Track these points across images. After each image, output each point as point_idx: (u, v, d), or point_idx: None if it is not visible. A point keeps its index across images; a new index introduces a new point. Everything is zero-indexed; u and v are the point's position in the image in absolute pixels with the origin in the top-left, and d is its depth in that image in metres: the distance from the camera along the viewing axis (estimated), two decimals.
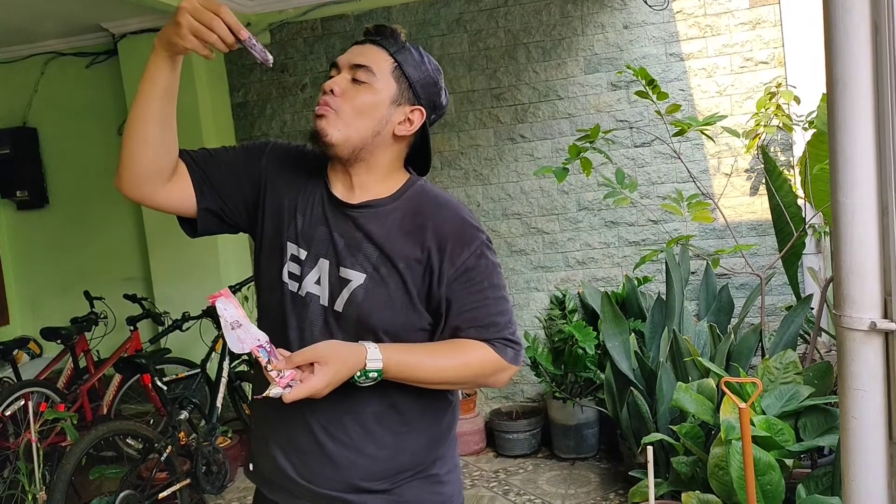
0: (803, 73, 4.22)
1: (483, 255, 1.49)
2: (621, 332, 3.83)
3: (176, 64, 1.41)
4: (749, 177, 4.42)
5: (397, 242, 1.47)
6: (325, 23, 4.96)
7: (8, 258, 5.59)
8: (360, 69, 1.45)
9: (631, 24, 4.49)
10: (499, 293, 1.51)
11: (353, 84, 1.46)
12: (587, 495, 3.97)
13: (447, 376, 1.45)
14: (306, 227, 1.52)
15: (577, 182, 4.64)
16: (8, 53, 5.35)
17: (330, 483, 1.48)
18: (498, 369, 1.48)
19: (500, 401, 4.89)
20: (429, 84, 1.51)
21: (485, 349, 1.46)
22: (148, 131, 1.43)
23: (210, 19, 1.28)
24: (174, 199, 1.51)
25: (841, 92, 1.31)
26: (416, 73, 1.49)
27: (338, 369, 1.34)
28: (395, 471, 1.50)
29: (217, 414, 4.08)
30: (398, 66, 1.47)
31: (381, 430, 1.49)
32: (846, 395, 1.39)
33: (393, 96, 1.47)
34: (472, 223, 1.52)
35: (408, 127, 1.51)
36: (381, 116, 1.47)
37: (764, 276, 3.77)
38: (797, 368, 3.15)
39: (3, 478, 4.02)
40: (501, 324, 1.49)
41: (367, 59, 1.46)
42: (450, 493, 1.58)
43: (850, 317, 1.34)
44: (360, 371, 1.36)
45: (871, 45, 1.28)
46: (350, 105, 1.45)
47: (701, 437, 3.15)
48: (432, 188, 1.58)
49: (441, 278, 1.46)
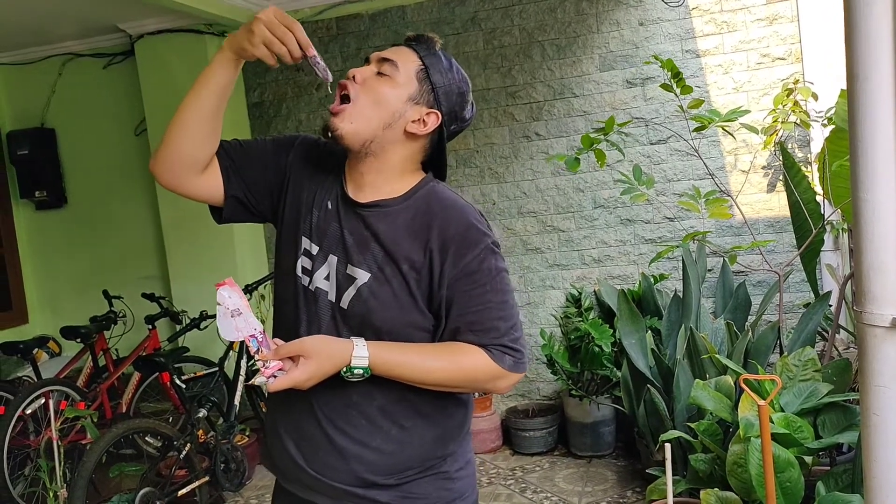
0: (821, 68, 4.19)
1: (486, 259, 1.47)
2: (638, 329, 3.82)
3: (238, 66, 1.50)
4: (766, 173, 4.40)
5: (402, 243, 1.48)
6: (339, 22, 4.97)
7: (27, 258, 5.64)
8: (386, 63, 1.49)
9: (646, 21, 4.47)
10: (501, 298, 1.48)
11: (377, 76, 1.49)
12: (604, 493, 3.96)
13: (437, 378, 1.44)
14: (320, 222, 1.54)
15: (593, 180, 4.63)
16: (26, 55, 5.40)
17: (339, 475, 1.49)
18: (494, 376, 1.46)
19: (516, 399, 4.89)
20: (452, 92, 1.54)
21: (480, 354, 1.44)
22: (196, 123, 1.50)
23: (283, 33, 1.37)
24: (204, 187, 1.56)
25: (861, 87, 1.30)
26: (441, 79, 1.52)
27: (321, 363, 1.37)
28: (403, 466, 1.50)
29: (235, 412, 4.11)
30: (424, 68, 1.51)
31: (388, 424, 1.49)
32: (867, 392, 1.38)
33: (412, 94, 1.49)
34: (479, 227, 1.50)
35: (421, 127, 1.51)
36: (396, 110, 1.48)
37: (782, 273, 3.75)
38: (816, 366, 3.13)
39: (25, 475, 4.08)
40: (502, 329, 1.46)
41: (395, 55, 1.51)
42: (461, 489, 1.57)
43: (871, 313, 1.34)
44: (346, 367, 1.38)
45: (892, 39, 1.27)
46: (366, 94, 1.48)
47: (719, 434, 3.14)
48: (444, 190, 1.57)
49: (442, 280, 1.45)
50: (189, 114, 1.49)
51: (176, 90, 4.97)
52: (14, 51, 5.37)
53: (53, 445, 3.37)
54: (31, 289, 5.65)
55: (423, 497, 1.52)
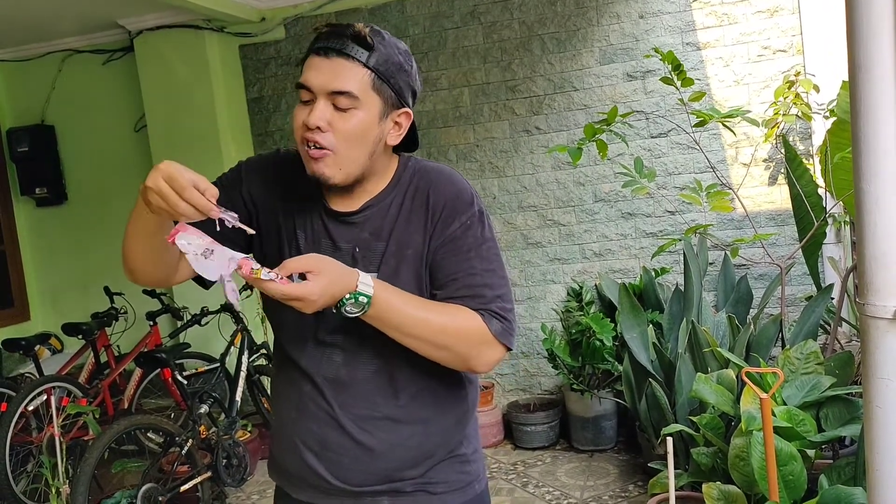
0: (822, 61, 4.18)
1: (472, 227, 1.45)
2: (639, 323, 3.81)
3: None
4: (767, 166, 4.38)
5: (402, 229, 1.46)
6: (339, 17, 4.95)
7: (28, 255, 5.65)
8: (341, 96, 1.35)
9: (647, 14, 4.45)
10: (486, 266, 1.45)
11: (337, 112, 1.36)
12: (606, 487, 3.96)
13: (429, 331, 1.39)
14: (309, 242, 1.49)
15: (594, 173, 4.62)
16: (26, 51, 5.39)
17: (364, 478, 1.49)
18: (483, 339, 1.41)
19: (517, 393, 4.89)
20: (403, 75, 1.42)
21: (471, 314, 1.41)
22: (150, 258, 1.41)
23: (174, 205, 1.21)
24: (185, 275, 1.49)
25: (863, 78, 1.29)
26: (394, 72, 1.39)
27: (332, 280, 1.29)
28: (429, 454, 1.51)
29: (236, 408, 4.11)
30: (375, 75, 1.37)
31: (411, 419, 1.49)
32: (870, 385, 1.37)
33: (381, 111, 1.40)
34: (465, 196, 1.48)
35: (398, 131, 1.46)
36: (374, 136, 1.41)
37: (784, 265, 3.74)
38: (818, 358, 3.12)
39: (27, 472, 4.08)
40: (488, 296, 1.43)
41: (345, 81, 1.35)
42: (476, 471, 1.60)
43: (874, 305, 1.33)
44: (350, 293, 1.31)
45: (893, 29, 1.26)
46: (341, 138, 1.37)
47: (721, 428, 3.13)
48: (425, 163, 1.54)
49: (430, 248, 1.45)
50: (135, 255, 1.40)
51: (175, 86, 4.97)
52: (14, 47, 5.36)
53: (56, 442, 3.37)
54: (33, 286, 5.65)
55: (443, 482, 1.54)
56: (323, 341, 1.48)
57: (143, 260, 1.41)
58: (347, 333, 1.46)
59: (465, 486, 1.57)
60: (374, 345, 1.45)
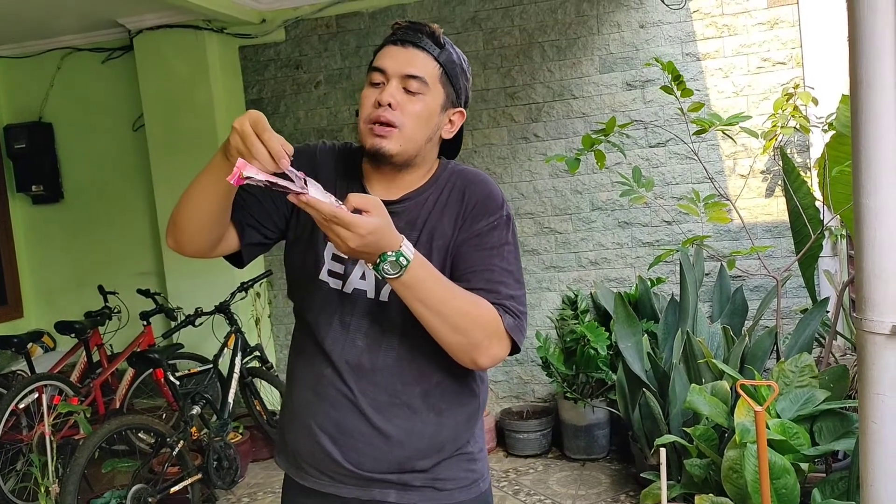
0: (821, 74, 4.19)
1: (498, 227, 1.52)
2: (634, 332, 3.80)
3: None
4: (765, 178, 4.39)
5: (436, 221, 1.53)
6: (339, 20, 4.96)
7: (23, 252, 5.62)
8: (414, 80, 1.48)
9: (647, 24, 4.46)
10: (506, 266, 1.51)
11: (407, 94, 1.48)
12: (598, 496, 3.95)
13: (451, 311, 1.40)
14: None
15: (591, 182, 4.62)
16: (25, 48, 5.38)
17: (377, 464, 1.52)
18: (495, 332, 1.45)
19: (510, 400, 4.88)
20: (464, 79, 1.56)
21: (490, 306, 1.46)
22: (208, 219, 1.44)
23: (252, 144, 1.26)
24: (224, 249, 1.54)
25: (864, 93, 1.30)
26: (459, 75, 1.54)
27: (383, 227, 1.29)
28: (440, 446, 1.55)
29: (229, 409, 4.09)
30: (444, 71, 1.51)
31: (428, 409, 1.53)
32: (866, 400, 1.37)
33: (443, 103, 1.52)
34: (496, 199, 1.56)
35: (451, 128, 1.57)
36: (435, 123, 1.52)
37: (780, 278, 3.74)
38: (813, 372, 3.12)
39: (17, 470, 4.06)
40: (503, 293, 1.49)
41: (418, 68, 1.49)
42: (481, 470, 1.64)
43: (872, 320, 1.33)
44: (394, 251, 1.32)
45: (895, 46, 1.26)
46: (409, 118, 1.47)
47: (714, 439, 3.13)
48: (463, 166, 1.64)
49: (457, 237, 1.51)
50: (195, 212, 1.43)
51: (174, 86, 4.96)
52: (13, 44, 5.35)
53: (46, 440, 3.35)
54: (27, 283, 5.63)
55: (451, 479, 1.58)
56: (349, 324, 1.53)
57: (198, 222, 1.44)
58: (373, 320, 1.52)
59: (471, 484, 1.61)
60: (397, 333, 1.51)
